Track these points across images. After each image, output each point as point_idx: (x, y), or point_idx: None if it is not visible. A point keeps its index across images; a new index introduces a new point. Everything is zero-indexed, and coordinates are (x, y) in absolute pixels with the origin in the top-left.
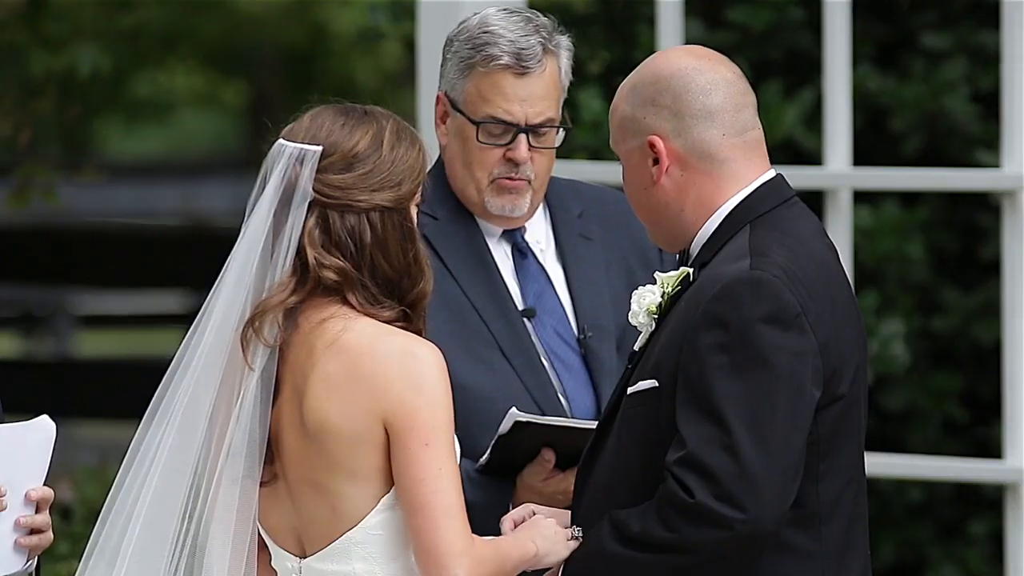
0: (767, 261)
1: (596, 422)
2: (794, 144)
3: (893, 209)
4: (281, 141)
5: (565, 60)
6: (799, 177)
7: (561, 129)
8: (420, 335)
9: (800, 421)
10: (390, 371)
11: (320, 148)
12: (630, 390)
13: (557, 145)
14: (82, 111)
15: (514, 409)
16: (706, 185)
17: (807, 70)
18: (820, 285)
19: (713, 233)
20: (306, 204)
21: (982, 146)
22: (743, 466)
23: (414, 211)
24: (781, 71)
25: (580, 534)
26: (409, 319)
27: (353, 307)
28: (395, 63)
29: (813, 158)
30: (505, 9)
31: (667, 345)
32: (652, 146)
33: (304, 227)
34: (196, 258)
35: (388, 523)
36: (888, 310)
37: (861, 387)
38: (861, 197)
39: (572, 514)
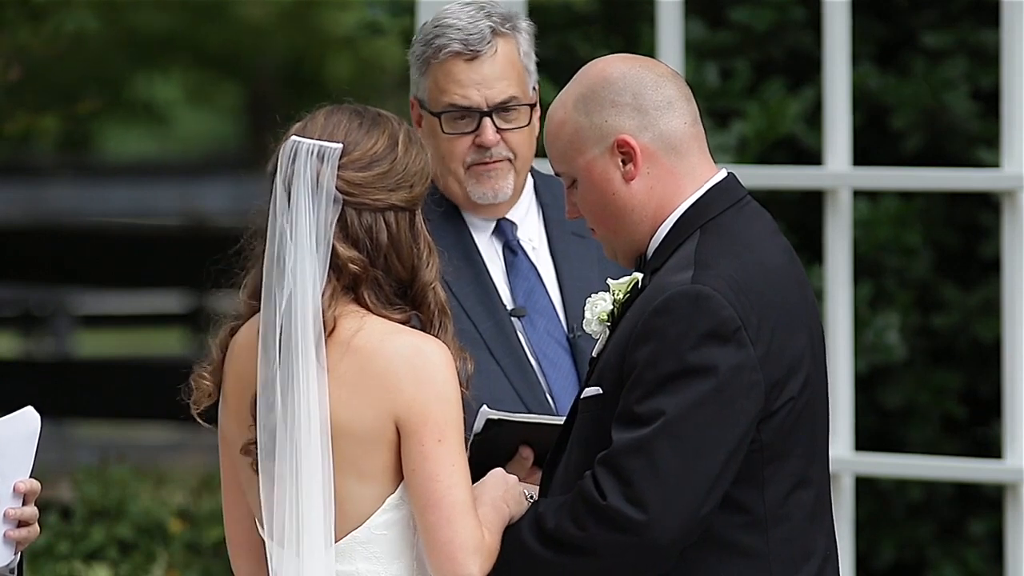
0: (709, 273)
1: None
2: (796, 142)
3: (892, 202)
4: (296, 138)
5: (524, 41)
6: (799, 177)
7: (534, 107)
8: (435, 336)
9: (727, 435)
10: (400, 369)
11: (340, 146)
12: (582, 395)
13: (527, 124)
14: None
15: (485, 407)
16: (669, 184)
17: (809, 70)
18: (768, 293)
19: (665, 238)
20: (332, 201)
21: (982, 144)
22: (658, 472)
23: (420, 215)
24: (783, 71)
25: (532, 498)
26: (419, 320)
27: (366, 306)
28: (392, 67)
29: (815, 155)
30: (461, 2)
31: (611, 353)
32: (622, 145)
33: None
34: (195, 258)
35: (393, 523)
36: (885, 304)
37: (818, 390)
38: (860, 191)
39: None
